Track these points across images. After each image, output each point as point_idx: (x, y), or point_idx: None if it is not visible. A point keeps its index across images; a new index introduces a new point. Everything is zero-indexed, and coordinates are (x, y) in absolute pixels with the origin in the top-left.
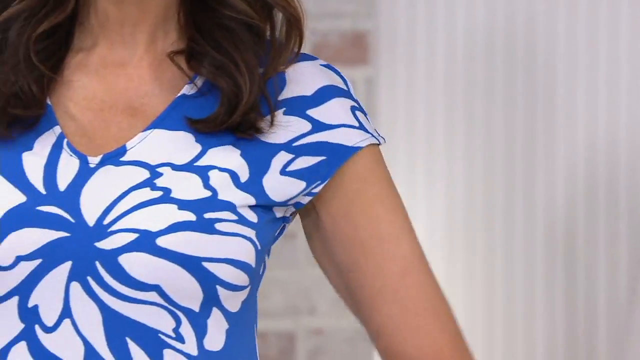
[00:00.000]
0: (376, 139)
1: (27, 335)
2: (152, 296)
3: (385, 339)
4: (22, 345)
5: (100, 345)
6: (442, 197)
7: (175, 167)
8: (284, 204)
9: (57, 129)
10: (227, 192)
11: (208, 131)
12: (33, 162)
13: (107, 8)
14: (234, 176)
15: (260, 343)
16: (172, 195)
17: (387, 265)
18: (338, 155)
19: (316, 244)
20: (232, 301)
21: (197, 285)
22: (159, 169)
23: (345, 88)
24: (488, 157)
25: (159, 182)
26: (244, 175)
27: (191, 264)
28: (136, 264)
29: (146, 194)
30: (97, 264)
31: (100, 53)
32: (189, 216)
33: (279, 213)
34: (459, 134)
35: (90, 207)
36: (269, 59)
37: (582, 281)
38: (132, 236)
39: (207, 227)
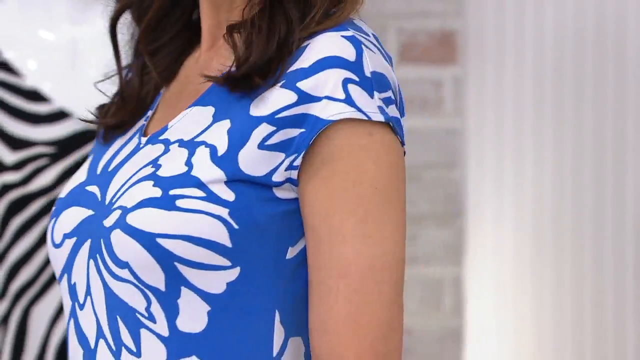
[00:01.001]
0: (364, 114)
1: (72, 312)
2: (126, 274)
3: (311, 334)
4: (72, 322)
5: (104, 323)
6: (531, 197)
7: (182, 143)
8: (264, 179)
9: (150, 114)
10: (201, 167)
11: (215, 83)
12: (114, 145)
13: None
14: (212, 150)
15: None
16: (158, 172)
17: (329, 263)
18: (312, 127)
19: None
20: (208, 281)
21: (154, 262)
22: (171, 146)
23: (352, 60)
24: (577, 158)
25: (161, 159)
26: (222, 149)
27: (147, 240)
28: (116, 241)
29: (145, 171)
30: (102, 241)
31: (202, 45)
32: (156, 192)
33: (280, 193)
34: (547, 134)
35: (115, 185)
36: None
37: None
38: (118, 213)
39: (167, 203)
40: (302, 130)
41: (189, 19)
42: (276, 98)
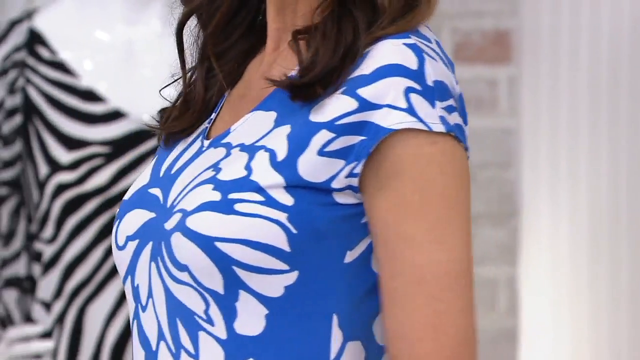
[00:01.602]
0: (425, 124)
1: (136, 314)
2: (186, 277)
3: (388, 341)
4: (135, 324)
5: (164, 325)
6: (586, 197)
7: (243, 147)
8: (323, 185)
9: (213, 117)
10: (260, 172)
11: (276, 86)
12: (177, 148)
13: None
14: (272, 155)
15: None
16: (218, 175)
17: (404, 270)
18: (373, 135)
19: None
20: (266, 285)
21: (213, 265)
22: (233, 150)
23: (414, 68)
24: (633, 157)
25: (222, 162)
26: (281, 154)
27: (206, 243)
28: (176, 244)
29: (206, 174)
30: (162, 244)
31: (266, 48)
32: (215, 196)
33: (340, 198)
34: (603, 134)
35: (177, 188)
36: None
37: None
38: (178, 217)
39: (226, 207)
40: (363, 137)
41: (253, 22)
42: (336, 105)
